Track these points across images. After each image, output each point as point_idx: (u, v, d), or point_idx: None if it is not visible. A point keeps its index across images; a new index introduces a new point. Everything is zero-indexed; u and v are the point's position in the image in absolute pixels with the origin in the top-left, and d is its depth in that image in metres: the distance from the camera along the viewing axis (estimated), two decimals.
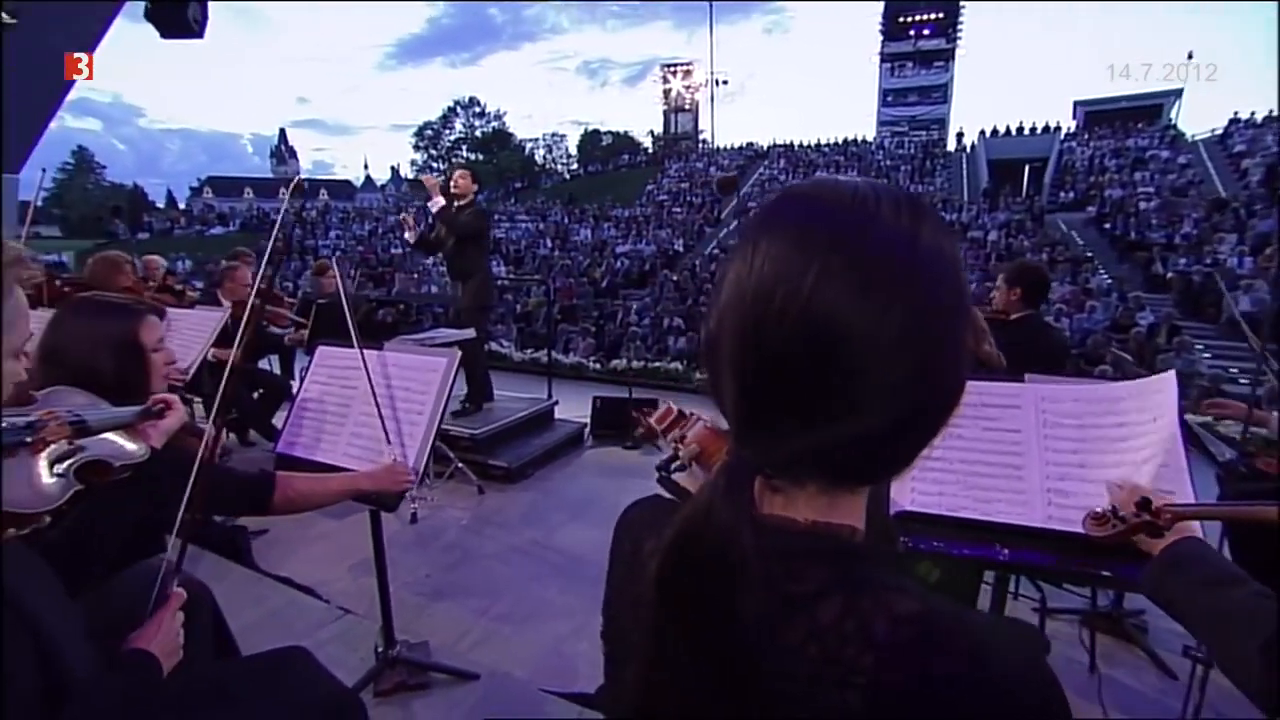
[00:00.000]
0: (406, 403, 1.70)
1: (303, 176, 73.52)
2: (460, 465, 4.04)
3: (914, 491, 1.22)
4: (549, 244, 21.52)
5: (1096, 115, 30.90)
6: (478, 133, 62.85)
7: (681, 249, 19.10)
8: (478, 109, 63.10)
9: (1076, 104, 33.03)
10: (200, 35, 8.09)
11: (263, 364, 5.83)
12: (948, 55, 39.82)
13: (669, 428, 1.09)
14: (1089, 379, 1.22)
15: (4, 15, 6.20)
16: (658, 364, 7.72)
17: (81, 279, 4.88)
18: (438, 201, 4.38)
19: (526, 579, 3.00)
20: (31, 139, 10.10)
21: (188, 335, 3.21)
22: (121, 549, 1.24)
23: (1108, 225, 16.74)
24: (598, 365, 7.98)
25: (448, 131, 63.59)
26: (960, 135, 32.95)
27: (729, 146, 37.09)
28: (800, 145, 33.34)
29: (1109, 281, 12.41)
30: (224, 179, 67.55)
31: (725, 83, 47.60)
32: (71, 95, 10.23)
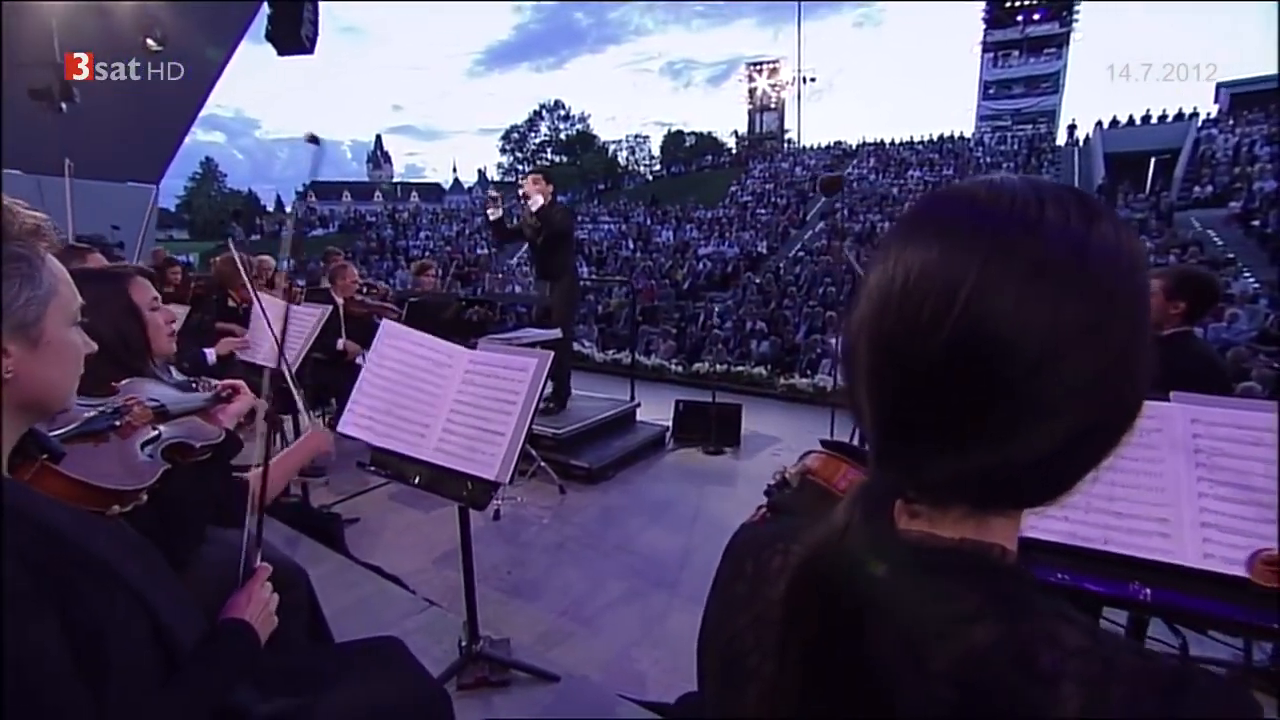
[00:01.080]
0: (498, 401, 1.73)
1: (395, 180, 77.58)
2: (543, 464, 4.11)
3: (1033, 514, 1.12)
4: (631, 245, 21.70)
5: (1244, 98, 27.46)
6: (562, 135, 64.27)
7: (765, 251, 18.79)
8: (562, 112, 64.55)
9: (1220, 86, 29.60)
10: (311, 51, 8.70)
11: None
12: (1061, 41, 36.86)
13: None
14: (1249, 399, 1.08)
15: (151, 42, 6.88)
16: (740, 368, 7.60)
17: (209, 276, 5.39)
18: (536, 200, 4.50)
19: (604, 581, 3.02)
20: (169, 152, 11.19)
21: (294, 329, 3.44)
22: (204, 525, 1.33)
23: (1255, 222, 15.09)
24: (679, 367, 7.96)
25: (533, 135, 65.38)
26: (1072, 128, 30.62)
27: (815, 146, 36.19)
28: (892, 143, 32.06)
29: (1255, 286, 11.22)
30: (325, 184, 72.11)
31: (813, 80, 46.35)
32: (202, 112, 11.22)
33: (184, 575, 1.30)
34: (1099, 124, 28.11)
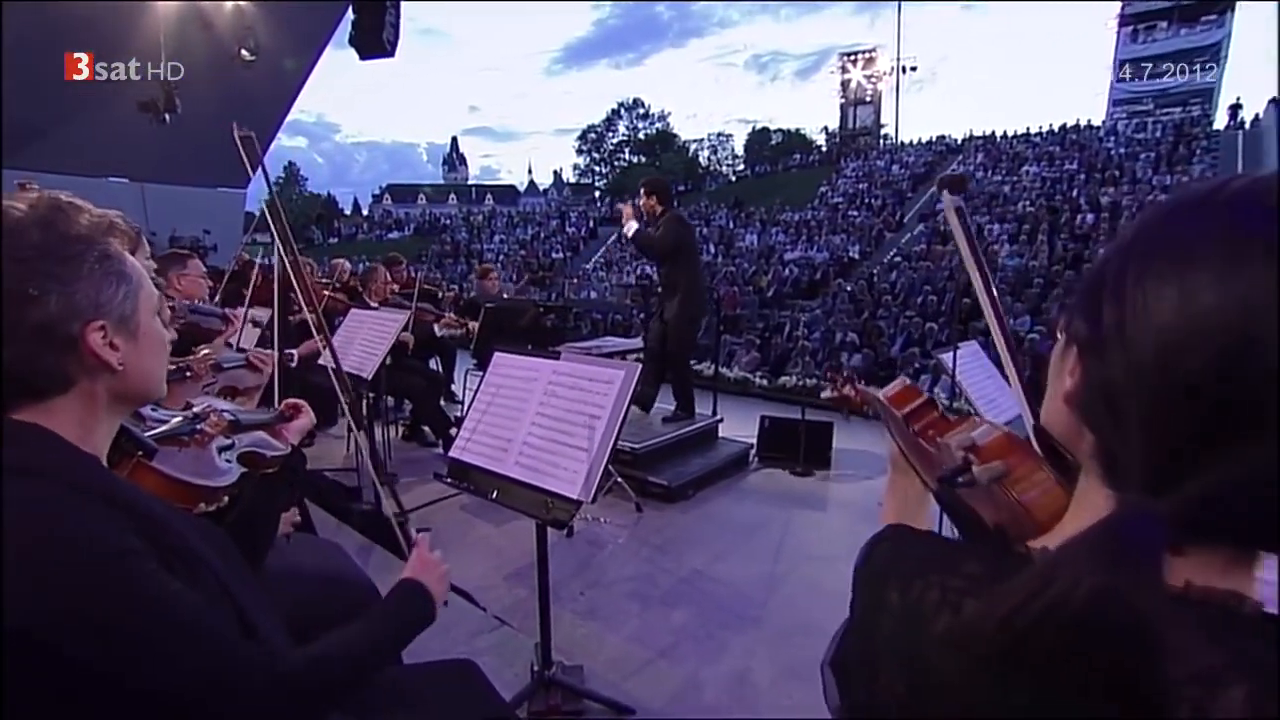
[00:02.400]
0: (582, 415, 1.73)
1: (470, 182, 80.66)
2: (619, 480, 4.12)
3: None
4: (712, 250, 21.64)
5: None
6: (641, 135, 64.98)
7: (858, 256, 18.33)
8: (641, 110, 65.27)
9: None
10: (392, 54, 9.18)
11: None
12: (1225, 5, 32.85)
13: (915, 415, 0.97)
14: None
15: (245, 52, 7.48)
16: None
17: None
18: (631, 226, 4.59)
19: (682, 608, 2.98)
20: (257, 157, 12.09)
21: (371, 335, 3.59)
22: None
23: None
24: (764, 381, 7.85)
25: (610, 134, 66.42)
26: (1236, 108, 27.43)
27: (915, 141, 34.91)
28: (1003, 136, 30.46)
29: None
30: (401, 186, 75.90)
31: (913, 69, 44.52)
32: (287, 118, 12.05)
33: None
34: (1275, 101, 24.94)
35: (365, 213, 62.79)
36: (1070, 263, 12.80)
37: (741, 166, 57.98)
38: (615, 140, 66.22)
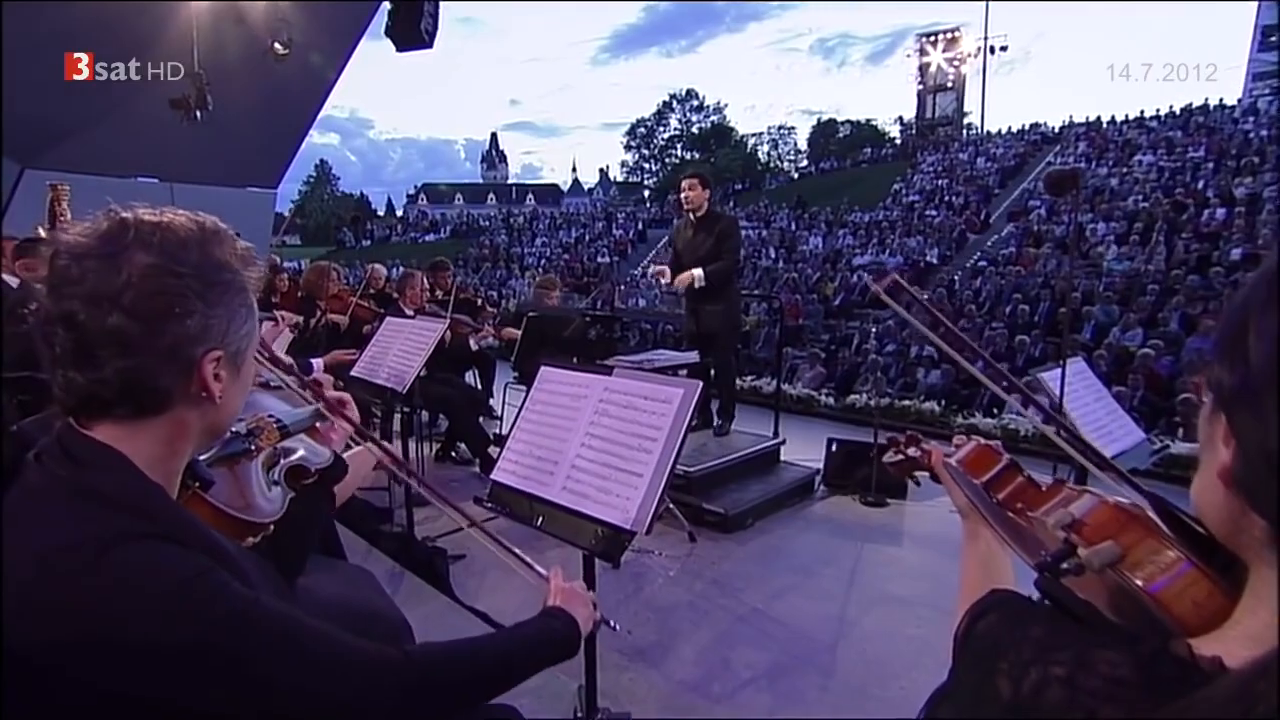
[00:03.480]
0: (636, 437, 1.73)
1: (510, 181, 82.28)
2: (670, 506, 4.11)
3: None
4: (773, 254, 21.53)
5: None
6: (694, 129, 65.34)
7: (936, 260, 17.93)
8: (695, 102, 65.70)
9: None
10: (430, 45, 9.43)
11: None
12: None
13: (997, 483, 0.93)
14: None
15: (278, 47, 7.80)
16: (906, 402, 7.31)
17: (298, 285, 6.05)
18: (691, 276, 4.73)
19: (740, 651, 2.94)
20: (288, 156, 12.55)
21: (407, 345, 3.67)
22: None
23: None
24: (830, 399, 7.78)
25: (661, 129, 66.99)
26: None
27: (1005, 130, 34.12)
28: (1110, 122, 29.31)
29: None
30: (437, 185, 77.94)
31: (1003, 49, 43.44)
32: (320, 114, 12.49)
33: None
34: None
35: (399, 213, 64.64)
36: (1194, 265, 12.16)
37: (805, 163, 57.69)
38: (666, 135, 66.75)
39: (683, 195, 4.89)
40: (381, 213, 73.26)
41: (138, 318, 0.80)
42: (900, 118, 53.75)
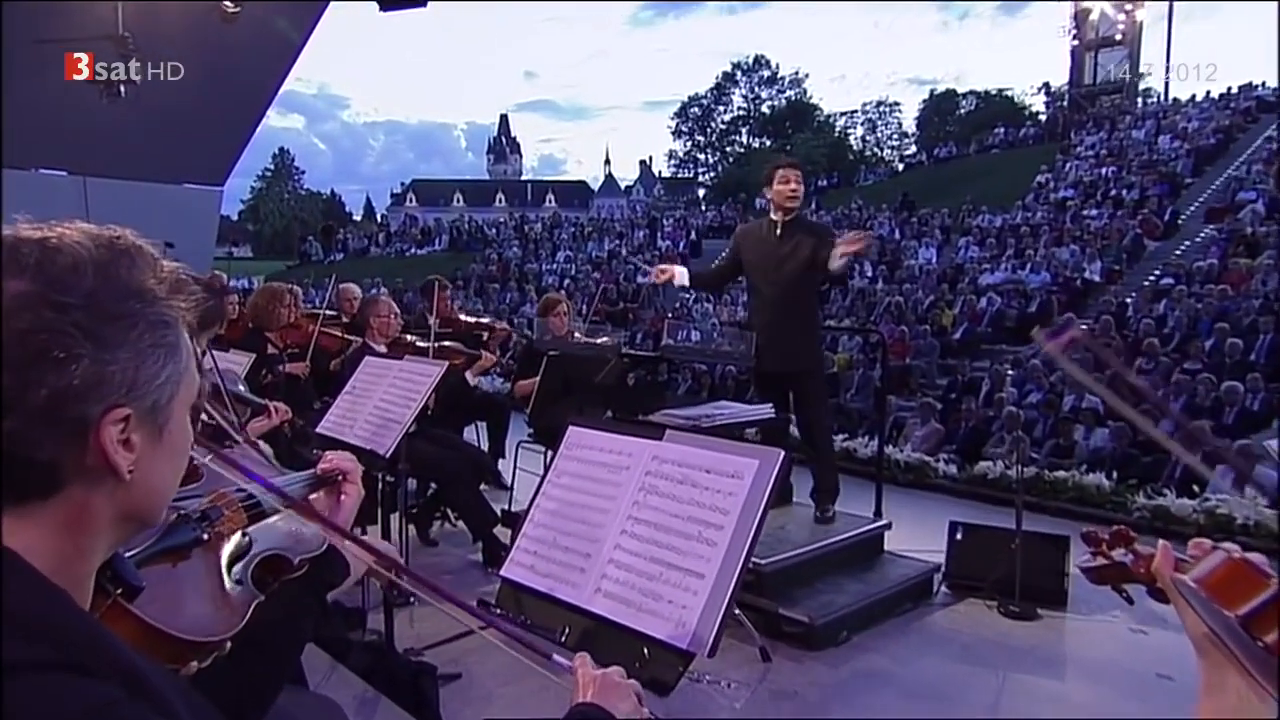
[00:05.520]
0: (696, 523, 1.72)
1: (525, 177, 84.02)
2: (737, 612, 4.05)
3: None
4: (870, 270, 21.46)
5: None
6: (765, 107, 66.09)
7: (1099, 276, 17.67)
8: (765, 73, 66.59)
9: None
10: (423, 3, 9.77)
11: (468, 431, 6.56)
12: None
13: (1261, 619, 0.88)
14: None
15: (227, 5, 8.14)
16: (1060, 473, 7.12)
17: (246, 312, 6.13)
18: (840, 254, 4.70)
19: None
20: (238, 145, 12.97)
21: (392, 394, 3.71)
22: None
23: None
24: (952, 467, 7.65)
25: (721, 108, 67.92)
26: None
27: (1199, 97, 33.53)
28: None
29: None
30: (430, 182, 79.94)
31: None
32: (280, 91, 12.90)
33: None
34: None
35: (381, 218, 66.26)
36: None
37: (913, 149, 57.87)
38: (728, 116, 67.66)
39: (778, 189, 4.90)
40: (358, 217, 75.41)
41: (5, 366, 0.76)
42: (1046, 85, 53.74)
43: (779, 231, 4.91)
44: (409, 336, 5.68)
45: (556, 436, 2.13)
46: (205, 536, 1.24)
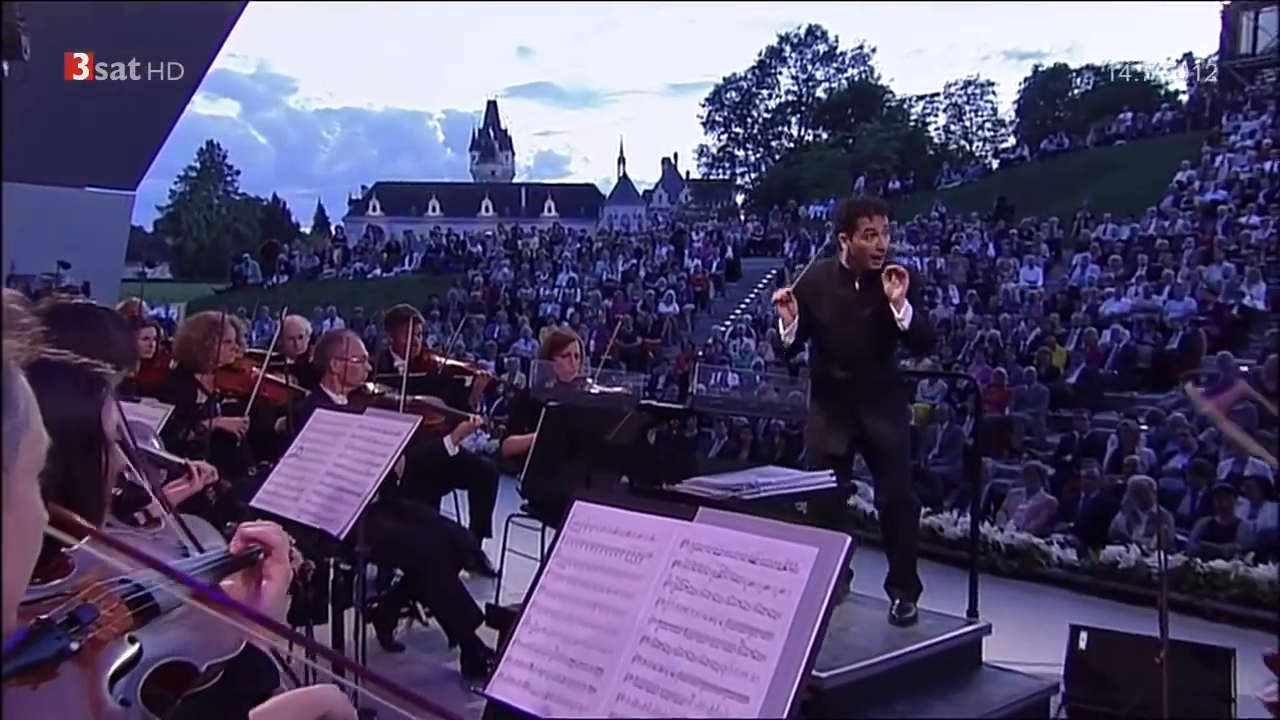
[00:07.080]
0: (737, 625, 1.72)
1: (518, 180, 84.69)
2: None
3: None
4: (958, 296, 21.47)
5: None
6: (820, 91, 66.48)
7: (1263, 303, 17.59)
8: (821, 48, 67.08)
9: None
10: None
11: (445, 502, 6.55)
12: None
13: None
14: None
15: None
16: (1217, 561, 7.08)
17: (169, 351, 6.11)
18: (906, 309, 4.72)
19: None
20: (155, 137, 13.10)
21: (349, 458, 3.71)
22: None
23: None
24: (1070, 553, 7.61)
25: (766, 92, 68.43)
26: None
27: None
28: None
29: None
30: (399, 186, 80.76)
31: None
32: (211, 68, 13.03)
33: None
34: None
35: (336, 230, 66.85)
36: None
37: (1012, 141, 57.97)
38: (774, 102, 68.14)
39: (860, 244, 4.85)
40: (308, 229, 76.15)
41: None
42: (1188, 56, 53.98)
43: (854, 279, 4.88)
44: (370, 386, 5.61)
45: (557, 509, 2.12)
46: (76, 646, 1.18)
